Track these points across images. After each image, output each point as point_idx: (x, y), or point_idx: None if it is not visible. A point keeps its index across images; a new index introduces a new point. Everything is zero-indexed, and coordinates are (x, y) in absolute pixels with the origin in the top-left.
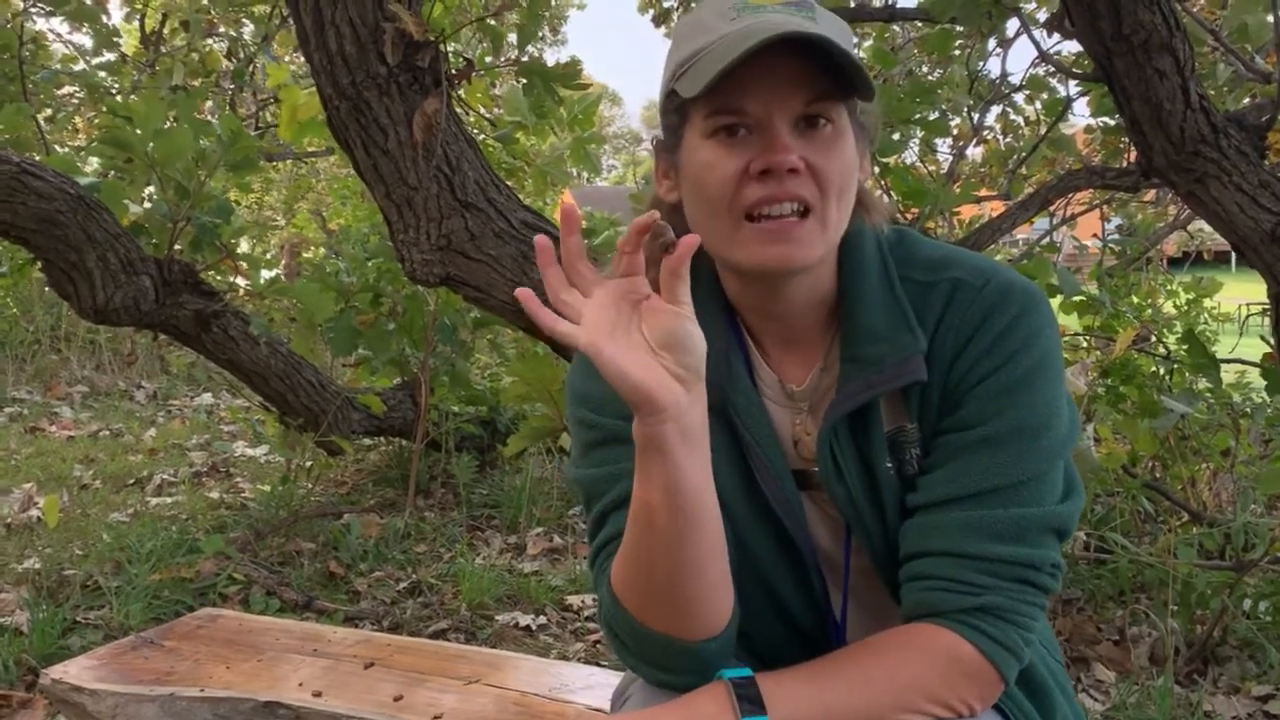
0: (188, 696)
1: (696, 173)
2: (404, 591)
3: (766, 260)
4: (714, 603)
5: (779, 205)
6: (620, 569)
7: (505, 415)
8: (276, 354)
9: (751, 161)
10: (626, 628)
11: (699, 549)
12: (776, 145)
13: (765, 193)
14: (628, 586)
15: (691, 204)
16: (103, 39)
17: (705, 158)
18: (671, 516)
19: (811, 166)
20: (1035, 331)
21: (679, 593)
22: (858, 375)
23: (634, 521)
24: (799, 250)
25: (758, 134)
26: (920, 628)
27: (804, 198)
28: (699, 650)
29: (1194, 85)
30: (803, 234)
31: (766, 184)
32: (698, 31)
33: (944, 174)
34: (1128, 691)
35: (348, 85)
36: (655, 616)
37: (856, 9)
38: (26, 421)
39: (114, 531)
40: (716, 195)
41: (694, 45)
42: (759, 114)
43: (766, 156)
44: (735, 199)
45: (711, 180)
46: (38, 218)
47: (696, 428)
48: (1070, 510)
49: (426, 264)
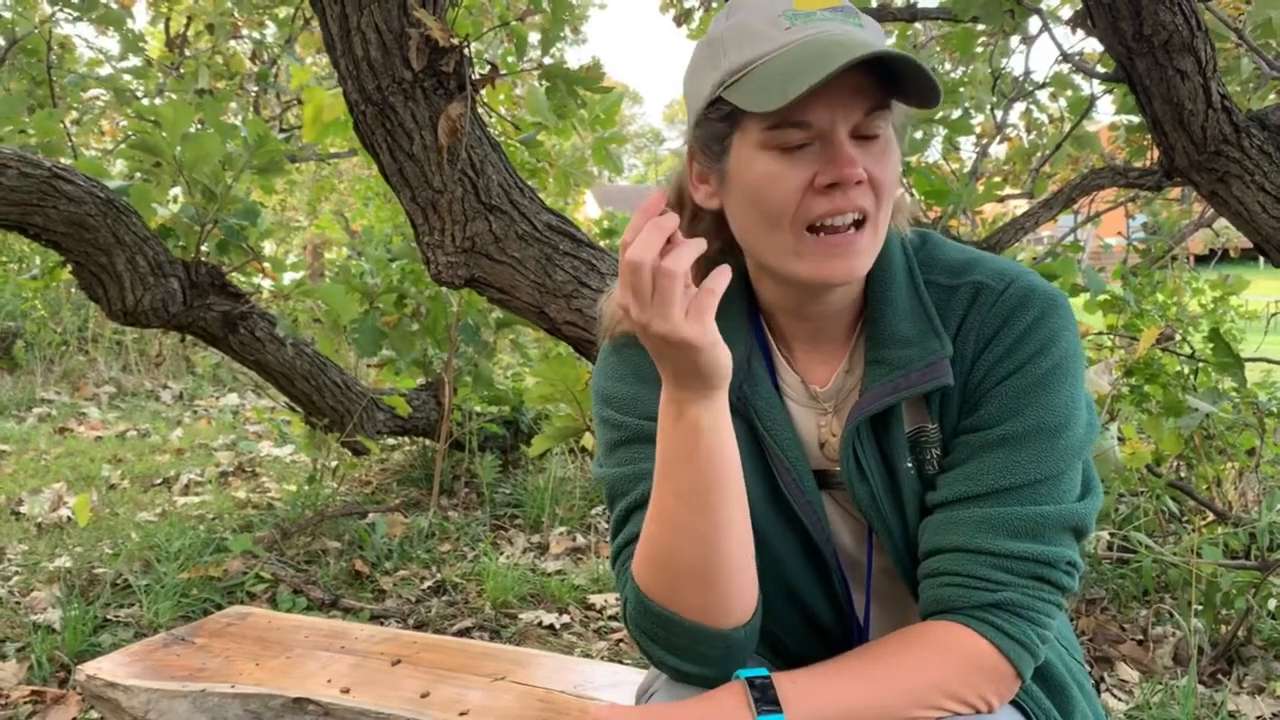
0: (219, 692)
1: (754, 184)
2: (429, 590)
3: (829, 274)
4: (740, 585)
5: (842, 217)
6: (647, 553)
7: (528, 415)
8: (302, 355)
9: (818, 175)
10: (654, 617)
11: (725, 527)
12: (844, 158)
13: (831, 206)
14: (655, 571)
15: (743, 214)
16: (128, 43)
17: (765, 170)
18: (696, 485)
19: (871, 177)
20: (1055, 334)
21: (708, 568)
22: (884, 378)
23: (663, 494)
24: (858, 262)
25: (819, 146)
26: (936, 625)
27: (865, 208)
28: (727, 637)
29: (1216, 85)
30: (861, 246)
31: (833, 197)
32: (749, 38)
33: (967, 172)
34: (1151, 691)
35: (373, 90)
36: (683, 601)
37: (880, 9)
38: (55, 422)
39: (143, 531)
40: (778, 208)
41: (747, 54)
42: (823, 126)
43: (834, 170)
44: (799, 212)
45: (774, 193)
46: (68, 221)
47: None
48: (1088, 509)
49: (451, 266)
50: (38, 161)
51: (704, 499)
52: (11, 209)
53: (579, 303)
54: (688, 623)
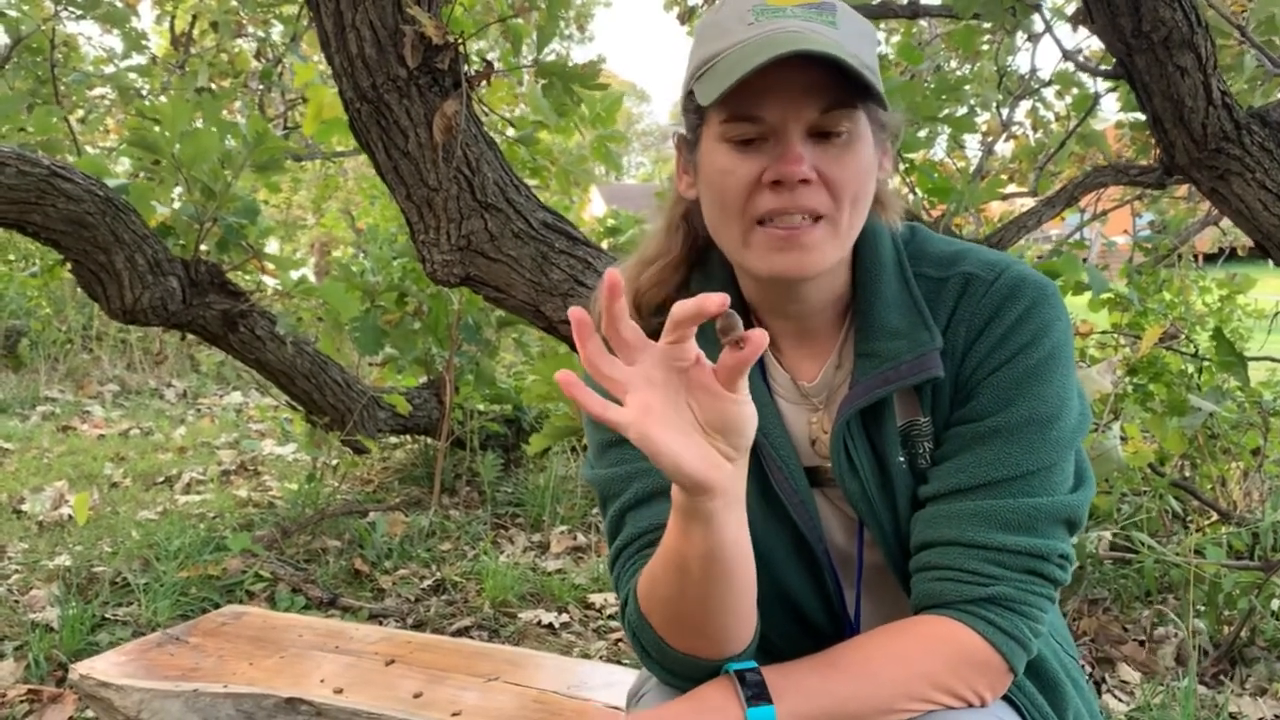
0: (211, 692)
1: (712, 176)
2: (428, 589)
3: (777, 268)
4: (740, 630)
5: (789, 216)
6: (649, 592)
7: (529, 414)
8: (303, 354)
9: (765, 171)
10: (652, 643)
11: (731, 594)
12: (789, 156)
13: (777, 204)
14: (656, 610)
15: (707, 206)
16: (131, 41)
17: (721, 163)
18: (707, 569)
19: (824, 176)
20: (1046, 324)
21: (707, 627)
22: (873, 371)
23: (667, 567)
24: (810, 257)
25: (772, 142)
26: (928, 619)
27: (814, 209)
28: (721, 667)
29: (1216, 82)
30: (814, 240)
31: (779, 194)
32: (717, 34)
33: (972, 170)
34: (1152, 692)
35: (368, 88)
36: (682, 641)
37: (880, 6)
38: (59, 420)
39: (143, 529)
40: (730, 201)
41: (713, 48)
42: (774, 122)
43: (778, 167)
44: (748, 206)
45: (726, 185)
46: (67, 219)
47: (740, 491)
48: (1080, 500)
49: (447, 264)
50: (36, 159)
51: (705, 572)
52: (10, 207)
53: (575, 301)
54: (681, 653)
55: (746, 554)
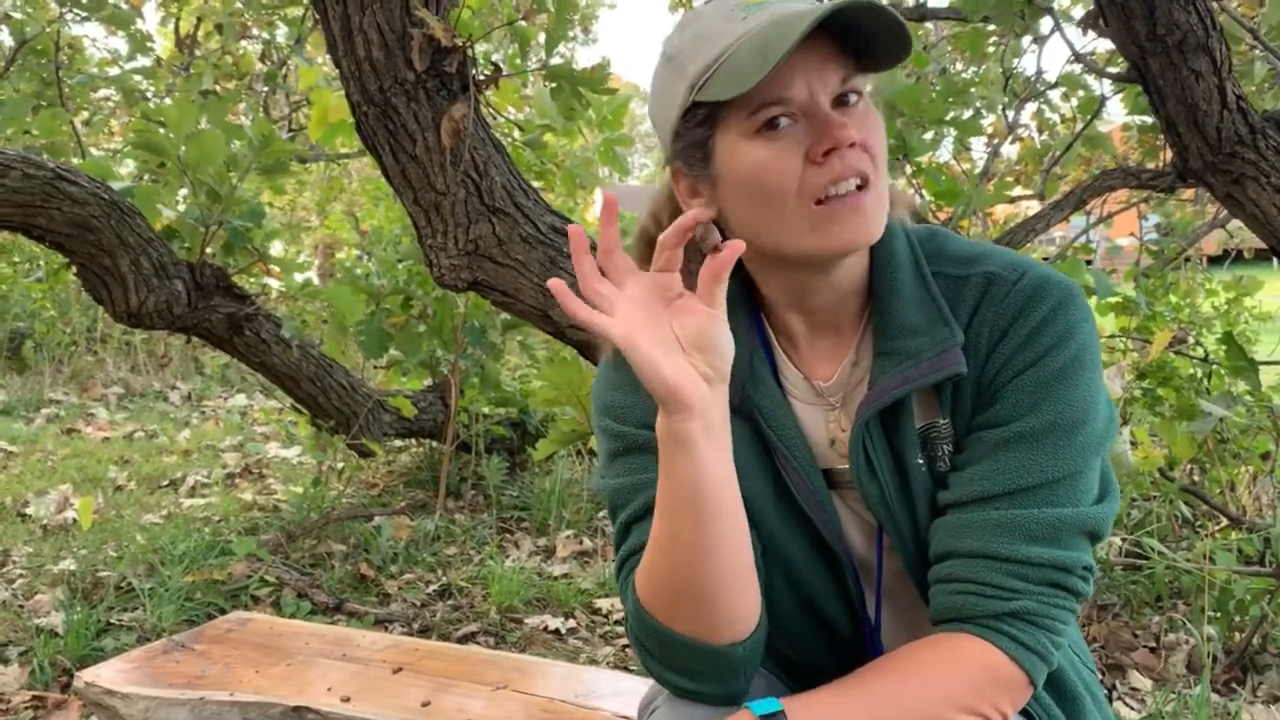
0: (217, 700)
1: (748, 173)
2: (434, 594)
3: (845, 237)
4: (740, 603)
5: (845, 183)
6: (645, 570)
7: (535, 417)
8: (308, 357)
9: (811, 147)
10: (653, 634)
11: (723, 541)
12: (833, 123)
13: (832, 174)
14: (653, 588)
15: (744, 207)
16: (136, 43)
17: (755, 156)
18: (695, 508)
19: (862, 140)
20: (1073, 325)
21: (704, 588)
22: (893, 369)
23: (659, 516)
24: (871, 223)
25: (804, 120)
26: (949, 637)
27: (864, 171)
28: (725, 654)
29: (1231, 85)
30: (868, 206)
31: (831, 165)
32: (709, 40)
33: (979, 173)
34: (1164, 699)
35: (376, 91)
36: (681, 619)
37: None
38: (63, 423)
39: (148, 533)
40: (781, 188)
41: (712, 52)
42: (803, 99)
43: (830, 134)
44: (802, 188)
45: (772, 175)
46: (72, 223)
47: (719, 422)
48: (1105, 512)
49: (454, 269)
50: (41, 163)
51: (695, 512)
52: (15, 210)
53: None
54: (684, 638)
55: (734, 498)
